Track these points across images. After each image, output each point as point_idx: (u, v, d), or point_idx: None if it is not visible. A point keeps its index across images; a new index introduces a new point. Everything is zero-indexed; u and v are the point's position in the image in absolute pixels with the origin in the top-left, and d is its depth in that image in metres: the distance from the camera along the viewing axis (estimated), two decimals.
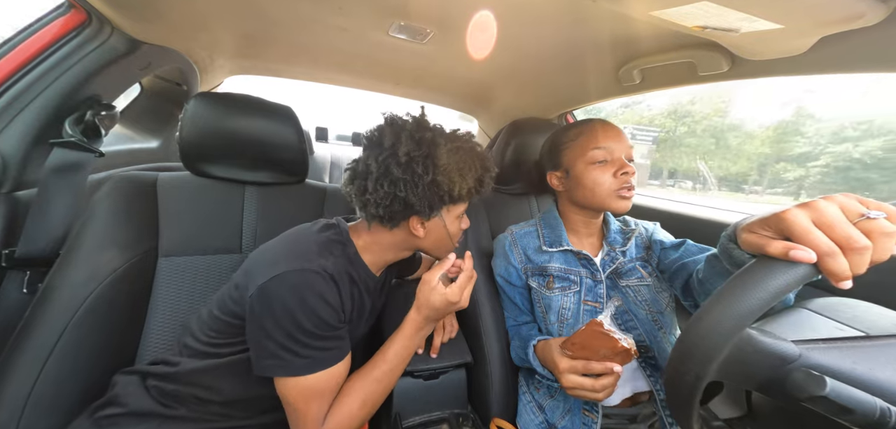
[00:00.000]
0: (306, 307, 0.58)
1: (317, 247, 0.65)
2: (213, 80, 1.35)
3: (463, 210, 0.72)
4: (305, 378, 0.59)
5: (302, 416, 0.60)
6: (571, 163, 0.81)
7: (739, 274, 0.39)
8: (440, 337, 0.85)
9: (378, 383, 0.67)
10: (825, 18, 0.59)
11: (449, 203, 0.68)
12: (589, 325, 0.61)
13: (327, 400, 0.62)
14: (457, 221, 0.72)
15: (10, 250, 0.76)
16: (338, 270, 0.64)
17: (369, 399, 0.65)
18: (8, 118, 0.76)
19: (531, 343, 0.77)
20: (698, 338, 0.38)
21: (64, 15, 0.82)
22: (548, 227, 0.89)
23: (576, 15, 0.84)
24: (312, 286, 0.60)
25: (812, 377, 0.35)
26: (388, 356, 0.68)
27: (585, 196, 0.79)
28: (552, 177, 0.87)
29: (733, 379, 0.40)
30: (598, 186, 0.77)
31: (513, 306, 0.90)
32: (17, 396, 0.63)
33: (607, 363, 0.60)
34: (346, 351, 0.65)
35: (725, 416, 0.45)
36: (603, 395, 0.62)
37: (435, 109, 1.86)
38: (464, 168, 0.66)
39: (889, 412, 0.32)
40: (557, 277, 0.82)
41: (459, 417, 0.84)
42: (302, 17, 1.00)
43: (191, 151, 0.84)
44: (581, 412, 0.75)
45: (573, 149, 0.81)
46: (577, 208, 0.85)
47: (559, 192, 0.88)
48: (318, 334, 0.60)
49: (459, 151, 0.66)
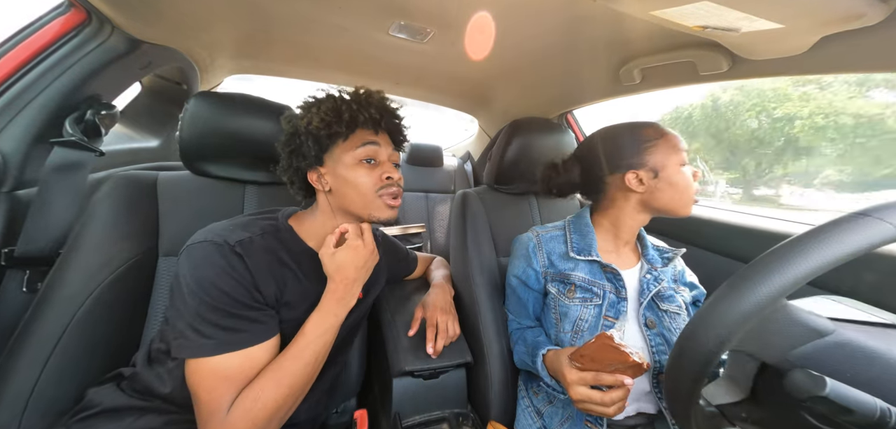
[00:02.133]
0: (205, 280, 0.56)
1: (233, 225, 0.64)
2: (213, 79, 1.35)
3: (356, 153, 0.69)
4: (209, 360, 0.54)
5: (205, 404, 0.53)
6: (661, 163, 0.75)
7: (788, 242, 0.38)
8: (443, 339, 0.84)
9: (294, 361, 0.59)
10: (825, 18, 0.59)
11: (327, 144, 0.69)
12: (599, 337, 0.60)
13: (236, 387, 0.55)
14: (359, 167, 0.69)
15: (10, 249, 0.76)
16: (252, 245, 0.62)
17: (284, 380, 0.57)
18: (8, 117, 0.76)
19: (540, 352, 0.75)
20: (734, 301, 0.37)
21: (64, 14, 0.82)
22: (577, 233, 0.85)
23: (576, 14, 0.84)
24: (209, 257, 0.57)
25: (812, 377, 0.35)
26: (306, 330, 0.62)
27: (673, 198, 0.75)
28: (631, 176, 0.77)
29: (755, 350, 0.40)
30: (689, 188, 0.75)
31: (521, 309, 0.88)
32: (18, 395, 0.63)
33: (618, 376, 0.59)
34: (268, 335, 0.60)
35: (719, 401, 0.44)
36: (613, 410, 0.60)
37: (435, 109, 1.87)
38: (318, 105, 0.69)
39: (889, 413, 0.32)
40: (580, 287, 0.79)
41: (459, 416, 0.84)
42: (302, 17, 1.00)
43: (190, 151, 0.84)
44: (583, 423, 0.74)
45: (661, 148, 0.76)
46: (642, 212, 0.80)
47: (626, 193, 0.79)
48: (225, 310, 0.56)
49: (317, 100, 0.71)
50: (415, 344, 0.85)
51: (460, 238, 1.04)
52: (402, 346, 0.85)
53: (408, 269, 1.06)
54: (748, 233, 1.01)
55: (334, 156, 0.70)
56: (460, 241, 1.03)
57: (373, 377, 1.01)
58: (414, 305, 0.93)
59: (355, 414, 0.74)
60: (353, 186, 0.69)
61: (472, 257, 0.99)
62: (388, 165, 0.72)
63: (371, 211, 0.70)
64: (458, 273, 1.04)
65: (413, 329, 0.85)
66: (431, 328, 0.84)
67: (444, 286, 0.97)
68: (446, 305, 0.91)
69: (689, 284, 0.86)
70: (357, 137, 0.70)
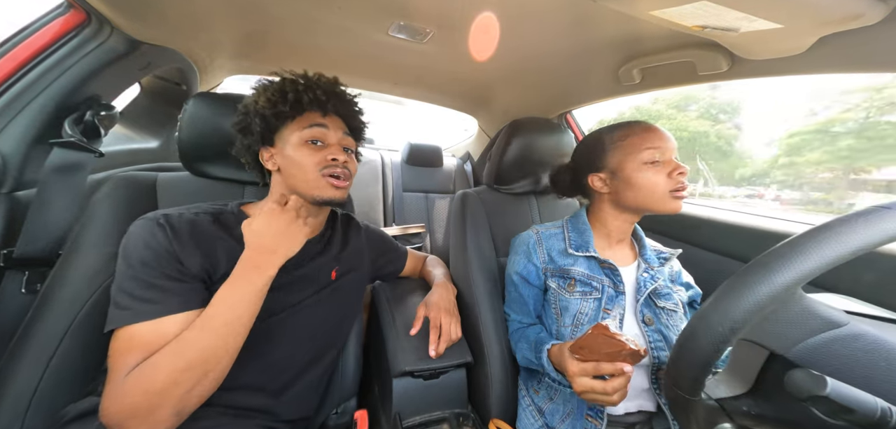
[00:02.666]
0: (128, 251, 0.58)
1: (182, 207, 0.67)
2: (212, 80, 1.35)
3: (302, 134, 0.71)
4: (122, 330, 0.54)
5: (110, 372, 0.53)
6: (619, 164, 0.79)
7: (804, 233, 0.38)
8: (445, 342, 0.84)
9: (198, 332, 0.55)
10: (825, 18, 0.59)
11: (276, 125, 0.72)
12: (594, 328, 0.61)
13: (142, 357, 0.53)
14: (304, 147, 0.71)
15: (9, 250, 0.76)
16: (180, 219, 0.62)
17: (185, 352, 0.53)
18: (8, 118, 0.76)
19: (545, 347, 0.76)
20: (747, 287, 0.37)
21: (63, 15, 0.82)
22: (575, 231, 0.87)
23: (576, 14, 0.84)
24: (136, 230, 0.60)
25: (813, 377, 0.35)
26: (214, 299, 0.58)
27: (636, 197, 0.77)
28: (594, 179, 0.83)
29: (766, 339, 0.40)
30: (655, 186, 0.75)
31: (522, 306, 0.89)
32: (20, 397, 0.63)
33: (618, 363, 0.60)
34: (183, 308, 0.57)
35: (719, 395, 0.44)
36: (616, 397, 0.61)
37: (435, 109, 1.87)
38: (267, 87, 0.72)
39: (890, 412, 0.33)
40: (580, 281, 0.81)
41: (459, 417, 0.84)
42: (302, 17, 1.00)
43: (190, 152, 0.84)
44: (584, 418, 0.74)
45: (620, 150, 0.79)
46: (618, 211, 0.83)
47: (600, 194, 0.85)
48: (142, 280, 0.56)
49: (270, 83, 0.74)
50: (415, 344, 0.84)
51: (460, 238, 1.04)
52: (402, 346, 0.84)
53: (396, 263, 1.04)
54: (746, 232, 1.01)
55: (283, 136, 0.73)
56: (460, 241, 1.03)
57: (373, 377, 1.01)
58: (414, 305, 0.93)
59: (355, 414, 0.74)
60: (298, 166, 0.71)
61: (471, 257, 0.99)
62: (335, 148, 0.74)
63: (315, 191, 0.72)
64: (457, 273, 1.04)
65: (415, 328, 0.85)
66: (435, 330, 0.84)
67: (447, 285, 0.96)
68: (450, 305, 0.90)
69: (685, 284, 0.87)
70: (305, 118, 0.73)
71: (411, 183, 2.07)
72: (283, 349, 0.70)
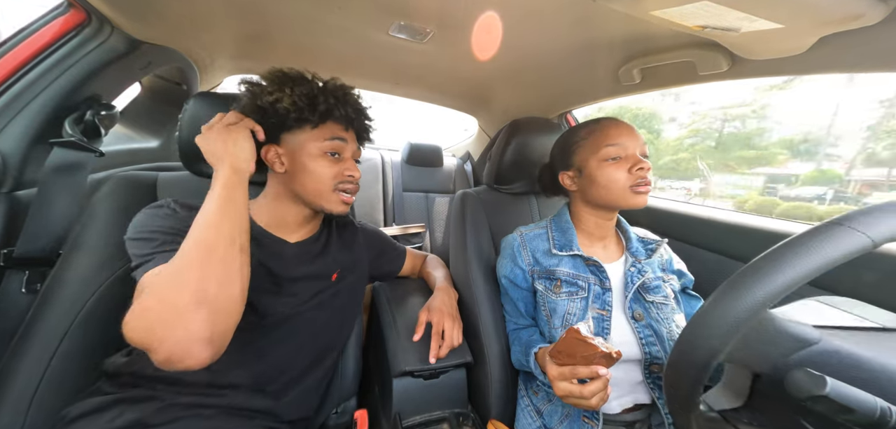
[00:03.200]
0: (139, 224, 0.60)
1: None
2: (212, 79, 1.35)
3: (323, 145, 0.68)
4: (148, 273, 0.54)
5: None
6: (583, 161, 0.80)
7: (769, 252, 0.38)
8: (447, 347, 0.83)
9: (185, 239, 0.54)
10: (825, 18, 0.59)
11: (291, 127, 0.68)
12: (568, 332, 0.61)
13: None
14: (323, 158, 0.68)
15: (9, 250, 0.76)
16: (189, 206, 0.64)
17: (180, 254, 0.52)
18: (8, 118, 0.76)
19: (533, 351, 0.76)
20: (719, 313, 0.38)
21: (63, 14, 0.81)
22: (558, 230, 0.87)
23: (576, 14, 0.84)
24: (147, 210, 0.62)
25: (812, 377, 0.35)
26: (198, 217, 0.56)
27: (599, 194, 0.78)
28: (564, 177, 0.86)
29: (746, 361, 0.40)
30: (613, 182, 0.75)
31: (514, 309, 0.89)
32: (21, 397, 0.63)
33: (593, 367, 0.59)
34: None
35: (720, 407, 0.44)
36: (595, 400, 0.60)
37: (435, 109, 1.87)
38: (292, 85, 0.67)
39: (890, 412, 0.33)
40: (565, 281, 0.81)
41: (459, 416, 0.84)
42: (302, 17, 1.00)
43: (190, 151, 0.84)
44: (581, 419, 0.74)
45: (584, 147, 0.81)
46: (590, 208, 0.84)
47: (572, 192, 0.86)
48: (158, 239, 0.58)
49: (290, 78, 0.69)
50: (415, 344, 0.85)
51: (460, 238, 1.04)
52: (402, 346, 0.85)
53: (395, 262, 1.04)
54: (746, 232, 1.01)
55: (297, 140, 0.69)
56: (460, 241, 1.03)
57: (373, 377, 1.01)
58: (414, 305, 0.93)
59: (355, 414, 0.74)
60: (312, 175, 0.69)
61: (471, 257, 0.99)
62: (350, 163, 0.73)
63: (323, 202, 0.71)
64: (457, 273, 1.04)
65: (418, 334, 0.85)
66: (437, 336, 0.84)
67: (449, 289, 0.96)
68: (452, 310, 0.90)
69: (677, 272, 0.86)
70: (327, 129, 0.70)
71: (411, 183, 2.07)
72: (285, 351, 0.70)
